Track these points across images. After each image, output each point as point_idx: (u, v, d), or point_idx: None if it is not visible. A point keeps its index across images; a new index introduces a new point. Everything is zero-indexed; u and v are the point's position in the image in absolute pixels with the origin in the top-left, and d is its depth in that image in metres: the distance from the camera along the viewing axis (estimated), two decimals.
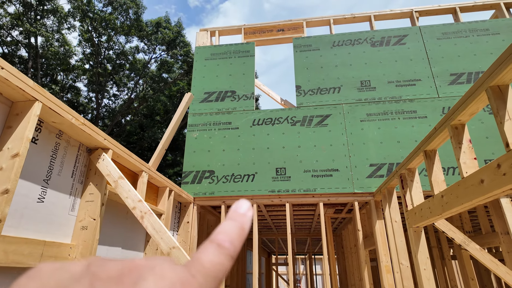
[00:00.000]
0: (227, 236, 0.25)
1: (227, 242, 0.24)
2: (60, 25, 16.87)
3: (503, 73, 1.69)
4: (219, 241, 0.24)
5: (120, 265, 0.21)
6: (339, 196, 4.60)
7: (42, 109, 2.12)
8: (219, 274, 0.23)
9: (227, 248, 0.24)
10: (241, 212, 0.28)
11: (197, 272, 0.22)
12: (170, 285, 0.20)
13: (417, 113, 4.81)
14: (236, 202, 0.29)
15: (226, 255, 0.24)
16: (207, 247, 0.24)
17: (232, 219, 0.27)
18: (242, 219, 0.27)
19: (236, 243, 0.25)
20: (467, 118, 2.18)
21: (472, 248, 3.31)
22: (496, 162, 1.76)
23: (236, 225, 0.26)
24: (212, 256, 0.23)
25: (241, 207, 0.29)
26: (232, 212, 0.28)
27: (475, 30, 5.18)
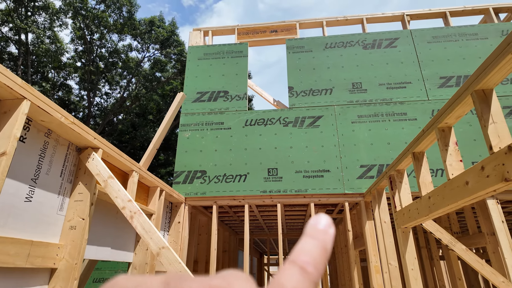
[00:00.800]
0: (310, 258, 0.22)
1: (311, 266, 0.21)
2: (52, 22, 16.65)
3: (487, 77, 1.73)
4: (303, 264, 0.21)
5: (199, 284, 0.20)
6: (330, 196, 4.64)
7: (31, 107, 2.09)
8: None
9: (311, 273, 0.21)
10: (322, 229, 0.24)
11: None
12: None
13: (407, 115, 4.88)
14: (314, 216, 0.26)
15: (311, 281, 0.21)
16: (290, 270, 0.21)
17: (313, 237, 0.24)
18: (324, 237, 0.24)
19: (319, 267, 0.22)
20: (454, 121, 2.23)
21: (459, 248, 3.37)
22: (480, 165, 1.80)
23: (318, 245, 0.23)
24: (296, 283, 0.20)
25: (320, 222, 0.25)
26: (311, 228, 0.25)
27: (464, 35, 5.28)
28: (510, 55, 1.52)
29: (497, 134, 1.73)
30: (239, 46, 5.87)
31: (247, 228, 4.67)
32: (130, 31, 18.27)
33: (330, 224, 0.26)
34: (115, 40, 18.78)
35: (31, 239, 2.15)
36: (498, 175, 1.64)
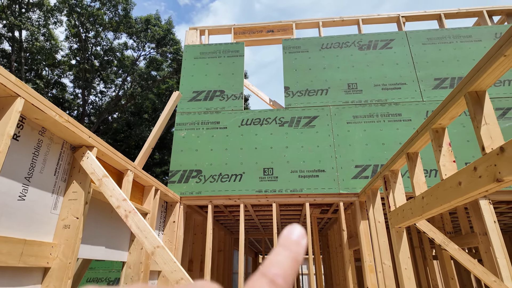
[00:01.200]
0: (281, 270, 0.22)
1: (281, 278, 0.21)
2: (46, 19, 16.49)
3: (480, 79, 1.75)
4: (273, 277, 0.21)
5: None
6: (325, 196, 4.66)
7: (25, 105, 2.08)
8: None
9: (280, 285, 0.21)
10: (294, 240, 0.25)
11: None
12: None
13: (402, 116, 4.91)
14: (288, 226, 0.26)
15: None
16: (259, 281, 0.21)
17: (285, 247, 0.24)
18: (297, 248, 0.24)
19: (289, 279, 0.22)
20: (448, 122, 2.25)
21: (451, 248, 3.41)
22: (473, 165, 1.82)
23: (289, 256, 0.23)
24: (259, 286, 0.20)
25: (294, 232, 0.25)
26: (284, 239, 0.25)
27: (458, 37, 5.33)
28: (502, 58, 1.54)
29: (489, 135, 1.76)
30: (236, 46, 5.87)
31: (243, 228, 4.68)
32: (125, 29, 18.16)
33: (303, 235, 0.26)
34: (111, 38, 18.67)
35: (24, 238, 2.13)
36: (490, 175, 1.67)
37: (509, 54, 1.54)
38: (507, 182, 1.61)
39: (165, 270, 2.63)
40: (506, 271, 3.86)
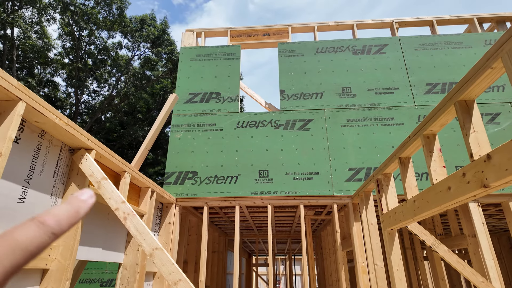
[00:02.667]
0: (54, 217, 0.25)
1: (52, 221, 0.24)
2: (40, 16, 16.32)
3: (469, 89, 1.84)
4: (43, 220, 0.24)
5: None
6: (319, 198, 4.73)
7: (26, 109, 2.10)
8: (31, 248, 0.22)
9: (50, 225, 0.24)
10: (82, 198, 0.28)
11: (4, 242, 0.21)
12: None
13: (395, 120, 5.02)
14: (80, 190, 0.30)
15: (47, 231, 0.23)
16: (26, 222, 0.23)
17: (69, 203, 0.27)
18: (80, 204, 0.27)
19: (63, 224, 0.25)
20: (438, 128, 2.34)
21: (441, 249, 3.51)
22: (462, 171, 1.90)
23: (70, 209, 0.26)
24: (28, 231, 0.23)
25: (83, 194, 0.29)
26: (71, 197, 0.28)
27: (450, 43, 5.47)
28: (489, 70, 1.63)
29: (477, 142, 1.84)
30: (232, 48, 5.92)
31: (238, 229, 4.73)
32: (120, 28, 18.05)
33: (92, 196, 0.29)
34: (105, 37, 18.53)
35: None
36: (478, 181, 1.74)
37: (496, 67, 1.63)
38: (493, 188, 1.69)
39: (163, 271, 2.66)
40: (494, 272, 3.97)
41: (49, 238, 0.23)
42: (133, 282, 3.56)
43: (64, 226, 0.25)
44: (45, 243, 0.23)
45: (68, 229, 0.26)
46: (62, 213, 0.25)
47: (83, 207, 0.27)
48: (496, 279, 3.93)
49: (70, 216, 0.26)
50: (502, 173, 1.56)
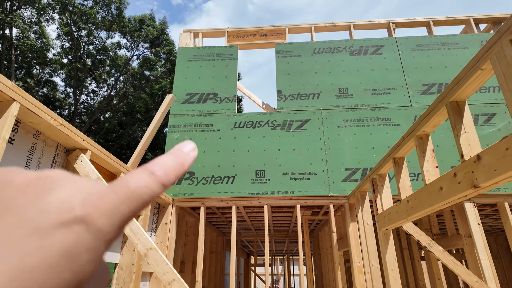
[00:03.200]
0: (162, 167, 0.25)
1: (161, 171, 0.24)
2: (39, 16, 16.32)
3: (460, 90, 1.85)
4: (153, 170, 0.24)
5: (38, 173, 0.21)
6: (316, 198, 4.75)
7: (20, 109, 2.11)
8: (145, 196, 0.22)
9: (159, 175, 0.24)
10: (185, 151, 0.28)
11: (120, 190, 0.22)
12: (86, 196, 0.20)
13: (391, 120, 5.03)
14: (181, 142, 0.29)
15: (157, 181, 0.24)
16: (139, 172, 0.24)
17: (173, 155, 0.27)
18: (184, 156, 0.27)
19: (170, 174, 0.25)
20: (431, 129, 2.35)
21: (436, 249, 3.52)
22: (453, 171, 1.92)
23: (175, 160, 0.26)
24: (140, 180, 0.23)
25: (186, 146, 0.28)
26: (175, 149, 0.28)
27: (446, 44, 5.48)
28: (479, 71, 1.64)
29: (468, 143, 1.85)
30: (229, 49, 5.93)
31: (234, 230, 4.74)
32: (119, 28, 18.05)
33: (194, 148, 0.29)
34: (104, 37, 18.54)
35: None
36: (468, 181, 1.76)
37: (486, 68, 1.64)
38: (484, 188, 1.70)
39: (158, 271, 2.67)
40: (489, 272, 3.99)
41: (159, 188, 0.23)
42: (129, 282, 3.57)
43: (171, 177, 0.25)
44: (156, 192, 0.23)
45: (174, 181, 0.26)
46: (169, 164, 0.25)
47: (187, 160, 0.27)
48: (492, 279, 3.94)
49: (176, 168, 0.26)
50: (491, 173, 1.57)
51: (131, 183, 0.22)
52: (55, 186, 0.20)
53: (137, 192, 0.22)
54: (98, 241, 0.20)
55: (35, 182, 0.20)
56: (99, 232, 0.20)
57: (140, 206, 0.22)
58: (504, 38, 1.49)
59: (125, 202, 0.21)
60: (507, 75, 1.48)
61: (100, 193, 0.21)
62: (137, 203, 0.22)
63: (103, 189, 0.21)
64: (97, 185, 0.22)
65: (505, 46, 1.49)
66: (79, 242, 0.19)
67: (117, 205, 0.21)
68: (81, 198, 0.20)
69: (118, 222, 0.21)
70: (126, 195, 0.22)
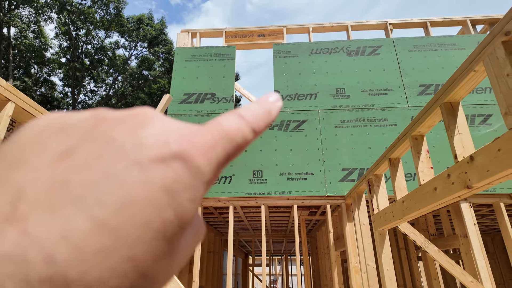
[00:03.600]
0: (251, 112, 0.24)
1: (250, 116, 0.23)
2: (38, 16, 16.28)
3: (454, 91, 1.86)
4: (242, 114, 0.23)
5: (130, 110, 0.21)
6: (313, 199, 4.76)
7: (15, 109, 2.11)
8: (238, 139, 0.21)
9: (248, 120, 0.23)
10: (271, 100, 0.27)
11: (214, 129, 0.20)
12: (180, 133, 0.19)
13: (388, 121, 5.05)
14: (268, 93, 0.28)
15: (248, 126, 0.22)
16: (228, 114, 0.23)
17: (260, 103, 0.26)
18: (271, 106, 0.26)
19: (260, 121, 0.24)
20: (426, 130, 2.37)
21: (431, 249, 3.54)
22: (447, 172, 1.93)
23: (263, 108, 0.25)
24: (233, 122, 0.22)
25: (272, 96, 0.28)
26: (261, 99, 0.27)
27: (443, 44, 5.50)
28: (472, 73, 1.65)
29: (461, 144, 1.87)
30: (227, 49, 5.93)
31: (232, 230, 4.74)
32: (117, 28, 18.03)
33: (279, 98, 0.28)
34: (102, 37, 18.51)
35: None
36: (462, 182, 1.77)
37: (478, 70, 1.65)
38: (477, 189, 1.71)
39: None
40: (484, 272, 4.01)
41: (250, 133, 0.22)
42: None
43: (260, 124, 0.23)
44: (248, 137, 0.22)
45: (264, 129, 0.24)
46: (258, 111, 0.24)
47: (274, 109, 0.26)
48: (487, 279, 3.96)
49: (264, 116, 0.24)
50: (484, 174, 1.58)
51: (224, 124, 0.21)
52: (149, 123, 0.19)
53: (231, 133, 0.21)
54: (197, 180, 0.18)
55: (128, 118, 0.20)
56: (197, 170, 0.19)
57: (234, 149, 0.21)
58: (496, 40, 1.51)
59: (220, 143, 0.20)
60: (499, 76, 1.49)
61: (194, 132, 0.20)
62: (231, 145, 0.21)
63: (197, 128, 0.20)
64: (190, 125, 0.21)
65: (497, 48, 1.50)
66: (178, 179, 0.18)
67: (213, 145, 0.20)
68: (176, 135, 0.19)
69: (215, 163, 0.20)
70: (221, 135, 0.20)
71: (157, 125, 0.19)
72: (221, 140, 0.20)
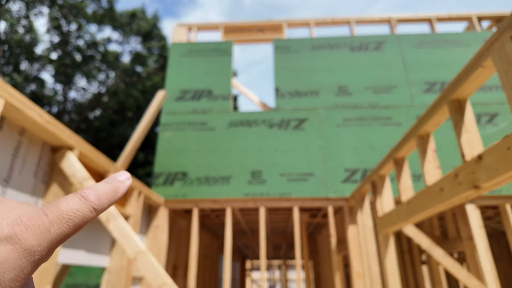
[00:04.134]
0: (94, 192, 0.26)
1: (93, 196, 0.25)
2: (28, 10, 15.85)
3: (461, 88, 1.79)
4: (84, 194, 0.25)
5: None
6: (314, 200, 4.59)
7: (5, 105, 1.93)
8: (76, 219, 0.23)
9: (91, 200, 0.25)
10: (120, 179, 0.29)
11: (50, 212, 0.22)
12: (16, 218, 0.20)
13: (392, 120, 4.90)
14: (118, 172, 0.30)
15: (88, 205, 0.24)
16: (71, 196, 0.24)
17: (107, 182, 0.28)
18: (119, 184, 0.28)
19: (103, 200, 0.26)
20: (432, 128, 2.25)
21: (437, 253, 3.42)
22: (454, 172, 1.85)
23: (109, 187, 0.27)
24: (72, 203, 0.24)
25: (122, 175, 0.29)
26: (110, 177, 0.29)
27: (449, 41, 5.37)
28: (480, 69, 1.57)
29: (469, 143, 1.79)
30: (224, 45, 5.73)
31: (229, 233, 4.54)
32: (110, 22, 17.65)
33: (129, 178, 0.30)
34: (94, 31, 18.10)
35: None
36: (469, 182, 1.70)
37: (487, 65, 1.59)
38: (485, 189, 1.64)
39: (147, 275, 2.51)
40: (490, 276, 3.90)
41: (91, 213, 0.24)
42: (118, 287, 3.40)
43: (104, 203, 0.26)
44: (88, 217, 0.24)
45: (107, 207, 0.26)
46: (103, 190, 0.26)
47: (121, 187, 0.28)
48: (492, 283, 3.85)
49: (109, 194, 0.27)
50: (492, 173, 1.51)
51: (62, 206, 0.23)
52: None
53: (69, 214, 0.23)
54: (24, 260, 0.20)
55: None
56: (26, 251, 0.20)
57: (72, 228, 0.23)
58: (505, 35, 1.42)
59: (56, 224, 0.22)
60: (508, 72, 1.41)
61: (30, 215, 0.22)
62: (68, 225, 0.23)
63: (33, 211, 0.22)
64: (27, 208, 0.22)
65: (506, 43, 1.43)
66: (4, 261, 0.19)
67: (47, 227, 0.21)
68: (11, 218, 0.21)
69: (48, 243, 0.21)
70: (58, 217, 0.22)
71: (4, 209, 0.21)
72: (58, 221, 0.22)
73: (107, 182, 0.27)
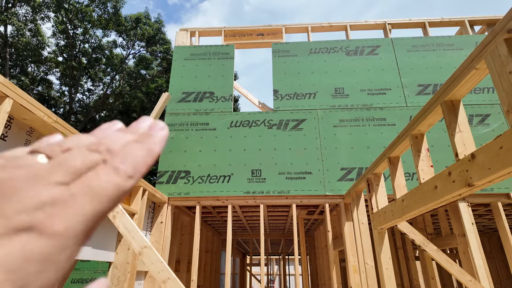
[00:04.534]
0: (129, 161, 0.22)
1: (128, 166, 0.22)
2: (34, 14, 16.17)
3: (455, 89, 1.86)
4: (116, 164, 0.21)
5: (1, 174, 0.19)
6: (312, 198, 4.75)
7: (13, 105, 2.09)
8: (111, 193, 0.20)
9: (124, 170, 0.21)
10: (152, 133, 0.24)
11: (79, 191, 0.19)
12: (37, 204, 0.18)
13: (387, 120, 5.06)
14: (142, 119, 0.26)
15: (122, 175, 0.21)
16: (102, 170, 0.21)
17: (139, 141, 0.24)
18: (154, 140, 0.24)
19: (139, 166, 0.22)
20: (426, 128, 2.37)
21: (430, 249, 3.54)
22: (448, 170, 1.93)
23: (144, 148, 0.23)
24: (105, 179, 0.20)
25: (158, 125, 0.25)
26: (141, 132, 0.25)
27: (441, 45, 5.52)
28: (474, 71, 1.65)
29: (462, 142, 1.86)
30: (226, 48, 5.92)
31: (230, 229, 4.73)
32: (115, 27, 17.94)
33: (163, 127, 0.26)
34: (99, 35, 18.42)
35: None
36: (463, 180, 1.77)
37: (480, 67, 1.65)
38: (478, 187, 1.71)
39: (152, 270, 2.66)
40: (482, 271, 4.02)
41: (127, 182, 0.21)
42: (123, 281, 3.55)
43: (141, 169, 0.22)
44: (124, 188, 0.21)
45: (145, 171, 0.23)
46: (137, 155, 0.23)
47: (157, 143, 0.24)
48: (485, 278, 3.98)
49: (145, 159, 0.23)
50: (485, 172, 1.58)
51: (92, 181, 0.20)
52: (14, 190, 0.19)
53: (100, 190, 0.20)
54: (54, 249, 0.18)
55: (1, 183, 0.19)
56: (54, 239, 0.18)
57: (110, 203, 0.20)
58: (498, 38, 1.50)
59: (88, 205, 0.19)
60: (501, 74, 1.49)
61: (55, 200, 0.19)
62: (103, 204, 0.20)
63: (58, 194, 0.19)
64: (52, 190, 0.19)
65: (499, 45, 1.50)
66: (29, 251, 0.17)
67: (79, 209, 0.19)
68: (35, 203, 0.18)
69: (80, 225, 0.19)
70: (88, 195, 0.20)
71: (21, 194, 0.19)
72: (91, 201, 0.20)
73: (139, 141, 0.23)
